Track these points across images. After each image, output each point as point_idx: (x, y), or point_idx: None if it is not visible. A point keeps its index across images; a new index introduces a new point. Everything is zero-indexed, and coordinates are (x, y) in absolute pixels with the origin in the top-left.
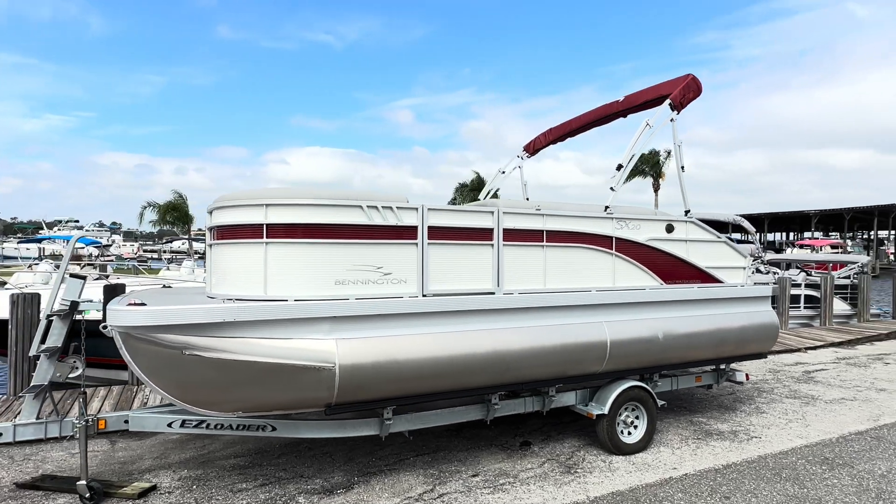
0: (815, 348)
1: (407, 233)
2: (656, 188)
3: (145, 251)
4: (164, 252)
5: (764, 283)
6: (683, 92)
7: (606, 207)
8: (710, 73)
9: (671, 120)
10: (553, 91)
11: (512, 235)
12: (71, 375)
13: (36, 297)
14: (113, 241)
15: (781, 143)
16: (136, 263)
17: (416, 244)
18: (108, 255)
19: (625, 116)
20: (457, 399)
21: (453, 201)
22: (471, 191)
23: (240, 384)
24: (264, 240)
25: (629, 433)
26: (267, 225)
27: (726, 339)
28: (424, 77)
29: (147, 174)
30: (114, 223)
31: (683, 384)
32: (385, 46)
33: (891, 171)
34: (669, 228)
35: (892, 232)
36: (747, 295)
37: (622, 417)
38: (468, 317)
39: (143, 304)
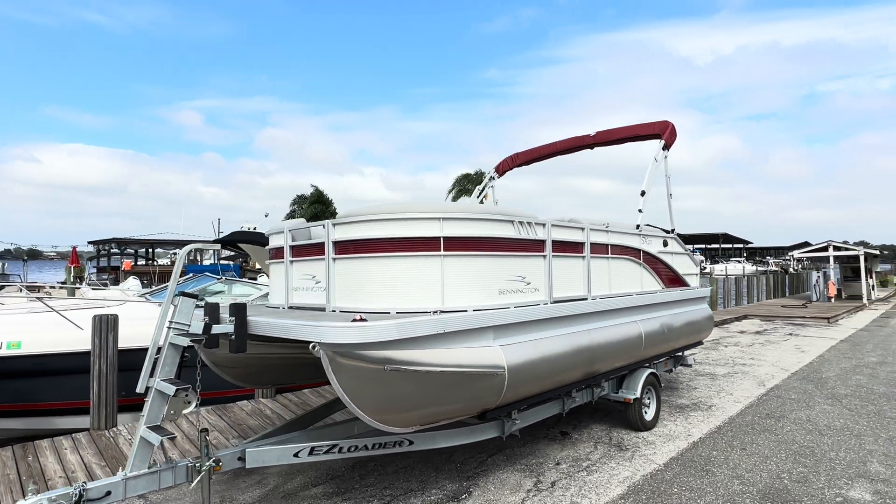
0: None
1: (541, 246)
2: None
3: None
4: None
5: (704, 287)
6: (672, 135)
7: (637, 226)
8: (495, 105)
9: (665, 157)
10: (357, 107)
11: (594, 249)
12: (185, 412)
13: (114, 319)
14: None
15: (551, 171)
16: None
17: (545, 256)
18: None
19: (591, 149)
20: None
21: (291, 214)
22: (312, 203)
23: (429, 396)
24: (441, 252)
25: (647, 412)
26: (444, 238)
27: (692, 330)
28: (218, 79)
29: None
30: None
31: (659, 370)
32: (177, 39)
33: (630, 197)
34: (665, 243)
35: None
36: (700, 295)
37: (644, 400)
38: (576, 319)
39: (365, 320)
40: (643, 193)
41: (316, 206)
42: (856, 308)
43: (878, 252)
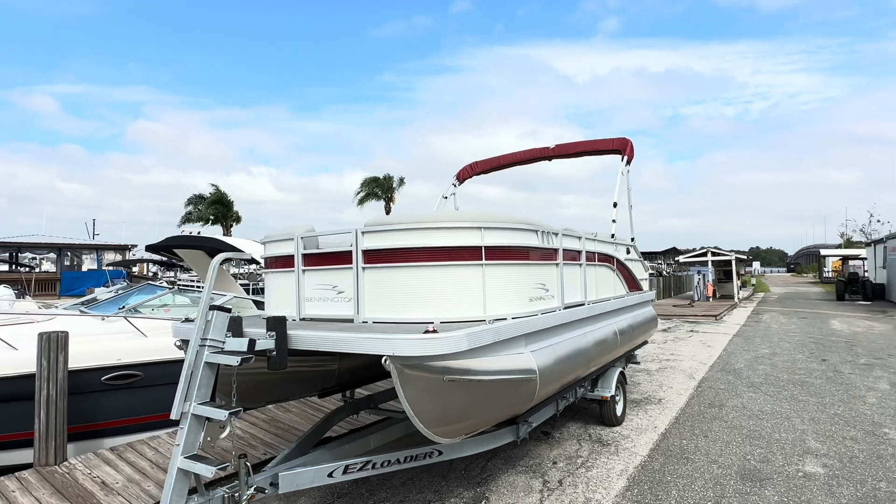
0: None
1: (556, 255)
2: (388, 210)
3: None
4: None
5: (651, 290)
6: (632, 151)
7: (612, 235)
8: (391, 109)
9: (627, 171)
10: (245, 103)
11: (588, 257)
12: (222, 437)
13: (64, 338)
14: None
15: (445, 176)
16: None
17: (558, 264)
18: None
19: (550, 160)
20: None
21: (188, 216)
22: (212, 204)
23: (479, 404)
24: (483, 262)
25: (618, 408)
26: (485, 247)
27: (645, 329)
28: (79, 63)
29: None
30: None
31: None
32: (29, 13)
33: (520, 203)
34: (628, 250)
35: None
36: (650, 298)
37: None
38: (579, 323)
39: (436, 332)
40: (615, 205)
41: (217, 208)
42: (731, 306)
43: (744, 257)
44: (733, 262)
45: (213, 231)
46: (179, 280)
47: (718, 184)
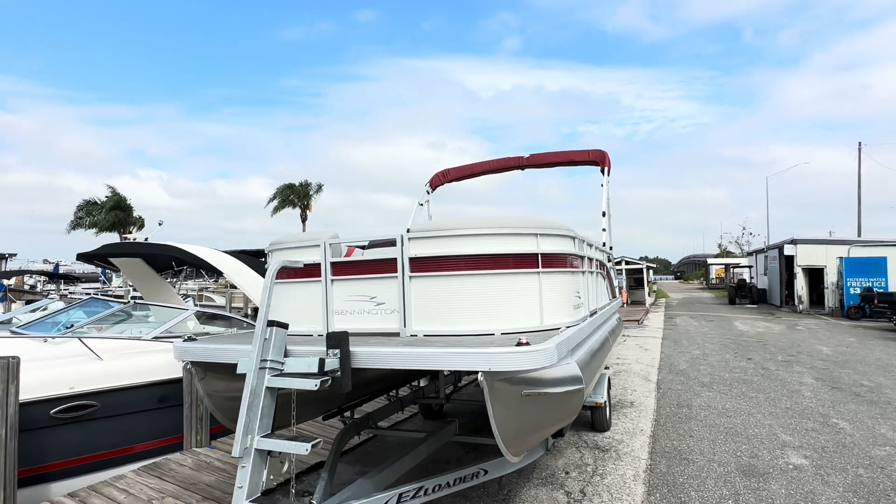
0: None
1: (583, 262)
2: (304, 218)
3: None
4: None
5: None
6: (609, 163)
7: (604, 244)
8: (295, 114)
9: (607, 182)
10: (131, 101)
11: (588, 263)
12: (283, 471)
13: (16, 364)
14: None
15: (352, 185)
16: None
17: (585, 272)
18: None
19: (523, 170)
20: None
21: (79, 221)
22: (110, 210)
23: (545, 417)
24: (539, 269)
25: (607, 413)
26: (541, 255)
27: (618, 334)
28: None
29: None
30: None
31: None
32: None
33: (432, 214)
34: (609, 258)
35: None
36: (620, 304)
37: None
38: (596, 330)
39: (528, 343)
40: (604, 214)
41: (116, 213)
42: (645, 311)
43: (654, 265)
44: (645, 271)
45: (111, 239)
46: (72, 293)
47: (611, 198)
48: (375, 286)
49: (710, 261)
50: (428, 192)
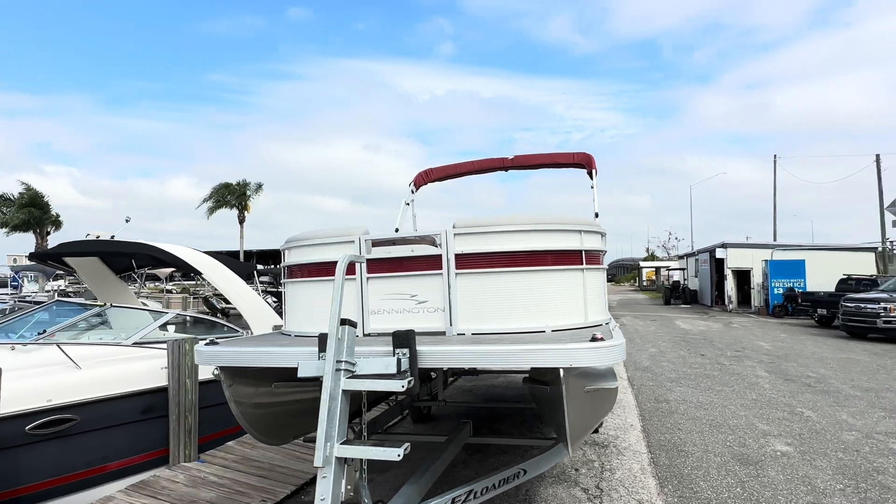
0: None
1: (602, 258)
2: (241, 220)
3: None
4: None
5: None
6: (595, 165)
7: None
8: (223, 111)
9: (596, 184)
10: (35, 91)
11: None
12: (357, 479)
13: None
14: None
15: (285, 186)
16: None
17: (596, 269)
18: None
19: (507, 171)
20: None
21: None
22: (23, 207)
23: (596, 413)
24: (583, 266)
25: None
26: (585, 251)
27: None
28: None
29: None
30: None
31: None
32: None
33: (362, 216)
34: None
35: None
36: None
37: None
38: None
39: (602, 339)
40: (597, 215)
41: (31, 211)
42: None
43: None
44: None
45: (24, 239)
46: None
47: (543, 204)
48: (417, 284)
49: (642, 264)
50: (412, 192)
